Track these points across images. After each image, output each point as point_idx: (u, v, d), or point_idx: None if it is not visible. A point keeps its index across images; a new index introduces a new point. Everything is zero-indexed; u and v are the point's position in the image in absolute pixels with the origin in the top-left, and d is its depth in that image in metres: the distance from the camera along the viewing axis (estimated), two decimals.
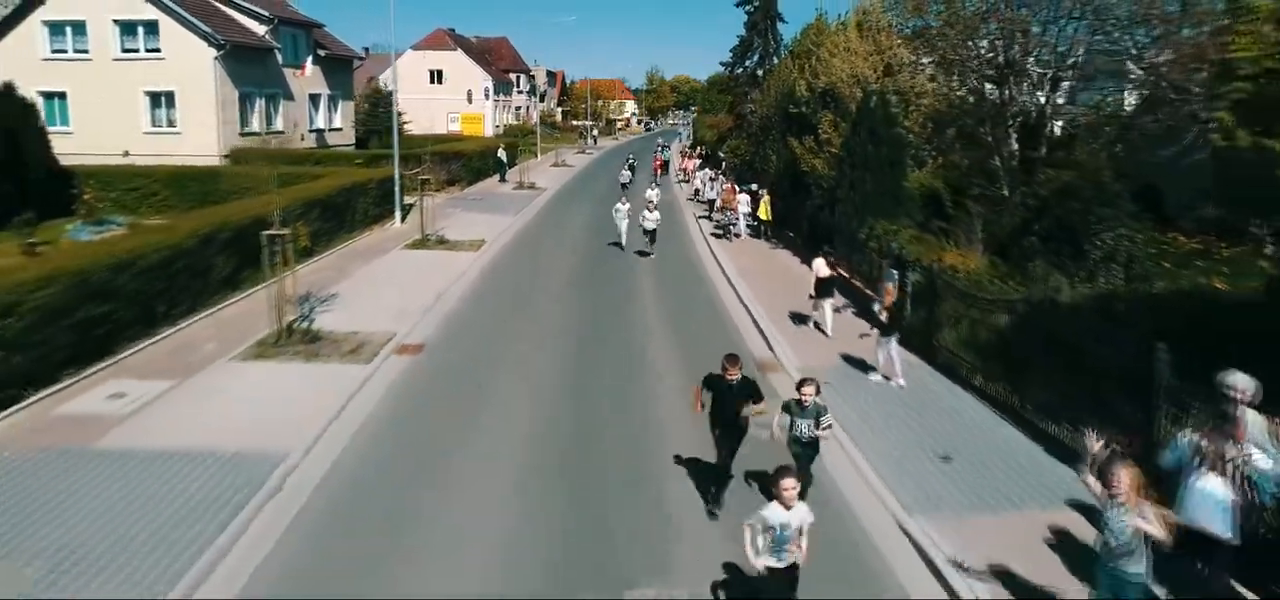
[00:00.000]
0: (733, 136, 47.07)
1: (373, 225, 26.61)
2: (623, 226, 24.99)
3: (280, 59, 38.00)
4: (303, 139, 39.20)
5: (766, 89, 37.47)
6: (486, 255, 23.37)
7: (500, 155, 46.14)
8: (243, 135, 35.43)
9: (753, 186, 30.01)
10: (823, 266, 15.99)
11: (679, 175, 50.37)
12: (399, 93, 43.62)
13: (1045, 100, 19.82)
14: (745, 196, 28.76)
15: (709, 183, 35.76)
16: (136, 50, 34.46)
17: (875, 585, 7.62)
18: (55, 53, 34.50)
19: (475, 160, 43.77)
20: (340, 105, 43.83)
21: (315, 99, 41.34)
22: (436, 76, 76.15)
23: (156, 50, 34.23)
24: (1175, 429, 7.76)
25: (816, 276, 15.94)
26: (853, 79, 23.66)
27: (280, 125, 38.06)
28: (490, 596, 7.32)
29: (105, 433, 10.17)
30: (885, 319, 12.89)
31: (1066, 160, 18.73)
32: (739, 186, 30.60)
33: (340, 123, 43.78)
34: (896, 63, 23.01)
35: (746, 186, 30.47)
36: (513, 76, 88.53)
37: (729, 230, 28.19)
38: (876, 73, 23.42)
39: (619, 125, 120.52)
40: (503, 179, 44.06)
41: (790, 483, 6.46)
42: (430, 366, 13.58)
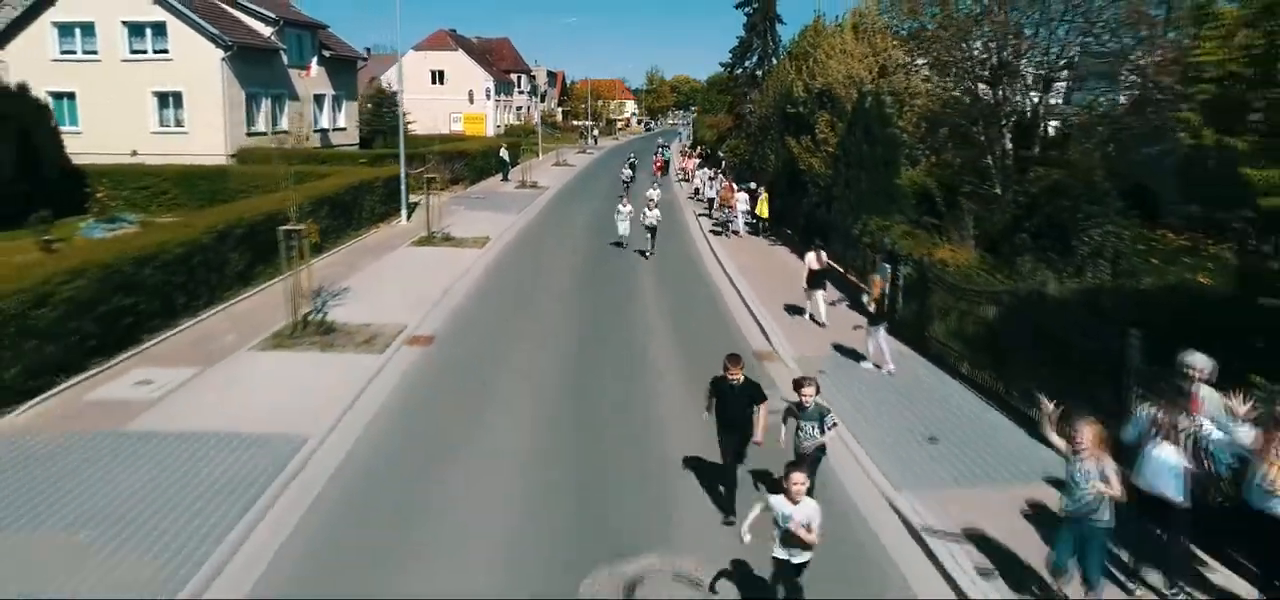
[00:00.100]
0: (732, 136, 47.55)
1: (379, 223, 27.15)
2: (624, 225, 25.30)
3: (286, 60, 38.53)
4: (307, 139, 39.71)
5: (765, 89, 37.93)
6: (491, 252, 23.90)
7: (503, 155, 46.70)
8: (249, 135, 35.98)
9: (751, 185, 30.56)
10: (814, 259, 16.62)
11: (679, 174, 50.89)
12: (398, 93, 44.16)
13: (1038, 101, 20.33)
14: (744, 195, 29.31)
15: (708, 181, 36.25)
16: (144, 51, 34.94)
17: (863, 554, 8.15)
18: (64, 53, 34.98)
19: (478, 160, 44.30)
20: (344, 105, 44.34)
21: (320, 99, 41.83)
22: (438, 77, 76.70)
23: (164, 51, 34.73)
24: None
25: (809, 269, 16.62)
26: (849, 80, 24.18)
27: (286, 125, 38.56)
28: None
29: (135, 417, 10.72)
30: (873, 310, 13.53)
31: (1059, 159, 19.20)
32: (737, 185, 31.14)
33: (344, 122, 44.29)
34: (891, 64, 23.52)
35: (745, 185, 31.02)
36: (514, 77, 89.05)
37: (727, 227, 28.74)
38: (872, 74, 23.94)
39: (619, 125, 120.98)
40: (505, 178, 44.60)
41: (799, 477, 6.44)
42: (441, 357, 14.14)
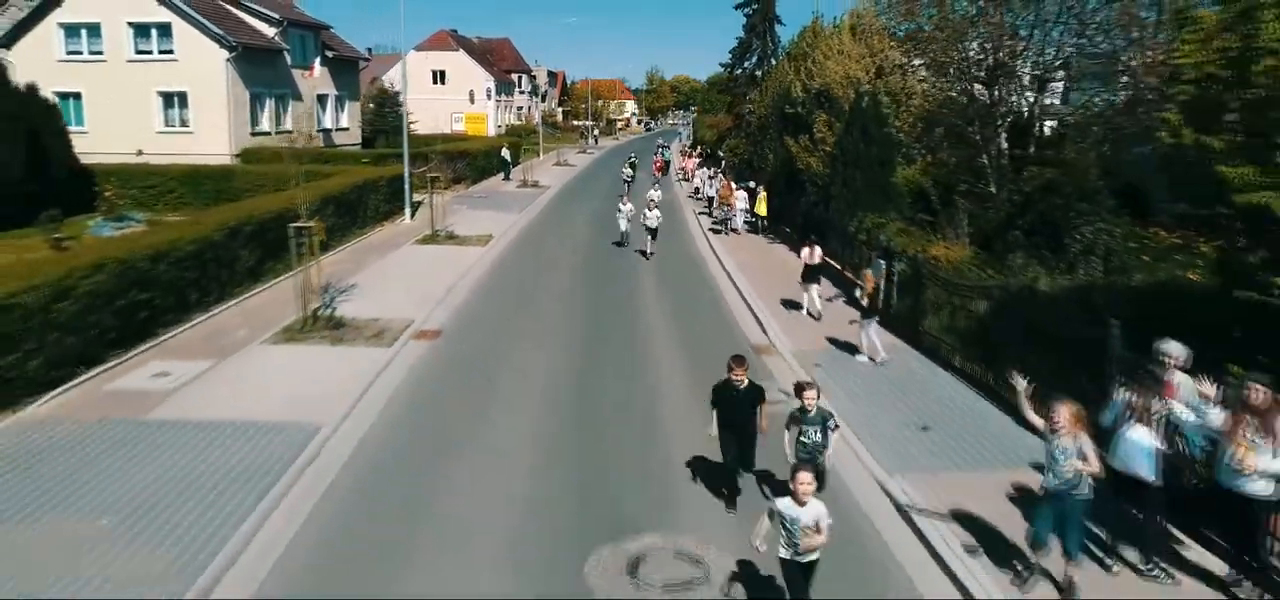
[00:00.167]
0: (732, 136, 47.96)
1: (383, 221, 27.52)
2: (625, 225, 25.46)
3: (289, 60, 38.88)
4: (311, 139, 40.03)
5: (764, 90, 38.32)
6: (495, 249, 24.28)
7: (504, 154, 47.09)
8: (253, 135, 36.35)
9: (750, 183, 30.97)
10: (808, 254, 17.17)
11: (679, 174, 51.28)
12: (401, 93, 44.51)
13: (1033, 101, 20.69)
14: (743, 193, 29.71)
15: (708, 180, 36.71)
16: (150, 52, 35.30)
17: (855, 534, 8.52)
18: (70, 54, 35.32)
19: (480, 159, 44.69)
20: (347, 105, 44.72)
21: (323, 99, 42.17)
22: (439, 77, 77.04)
23: (170, 52, 35.08)
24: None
25: (804, 264, 17.16)
26: (846, 80, 24.54)
27: (289, 125, 38.91)
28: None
29: (154, 407, 11.10)
30: (866, 304, 14.01)
31: (1055, 159, 19.56)
32: (736, 184, 31.54)
33: (347, 122, 44.67)
34: (888, 65, 23.88)
35: (744, 183, 31.43)
36: (514, 77, 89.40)
37: (727, 225, 29.12)
38: (869, 75, 24.31)
39: (619, 125, 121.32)
40: (506, 177, 44.98)
41: (806, 477, 6.44)
42: (448, 351, 14.52)
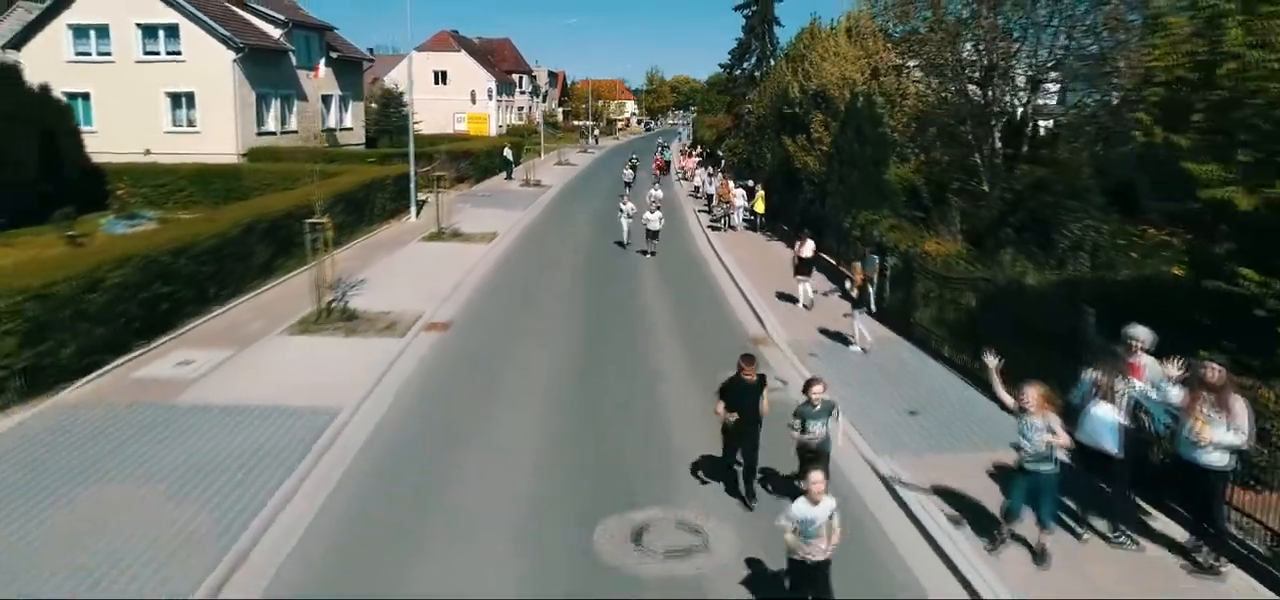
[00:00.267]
0: (731, 136, 48.56)
1: (390, 219, 28.06)
2: (627, 226, 25.43)
3: (294, 61, 39.40)
4: (316, 138, 40.63)
5: (763, 90, 38.91)
6: (499, 247, 24.84)
7: (506, 154, 47.65)
8: (259, 135, 36.91)
9: (749, 182, 31.58)
10: (801, 247, 17.90)
11: (679, 173, 51.86)
12: (406, 94, 45.02)
13: (1026, 101, 21.24)
14: (741, 191, 30.30)
15: (707, 179, 37.36)
16: (157, 53, 35.81)
17: (845, 509, 9.06)
18: (79, 55, 35.85)
19: (482, 159, 45.25)
20: (351, 105, 45.28)
21: (327, 100, 42.75)
22: (441, 77, 77.54)
23: (177, 53, 35.60)
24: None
25: (798, 257, 17.85)
26: (842, 81, 25.12)
27: (295, 125, 39.52)
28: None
29: (182, 392, 11.68)
30: (856, 295, 14.72)
31: (1048, 158, 20.11)
32: (735, 182, 32.14)
33: (351, 122, 45.23)
34: (883, 66, 24.45)
35: (743, 182, 32.03)
36: (515, 77, 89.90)
37: (725, 222, 29.67)
38: (864, 76, 24.87)
39: (619, 125, 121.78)
40: (509, 177, 45.53)
41: (818, 477, 6.50)
42: (457, 342, 15.10)
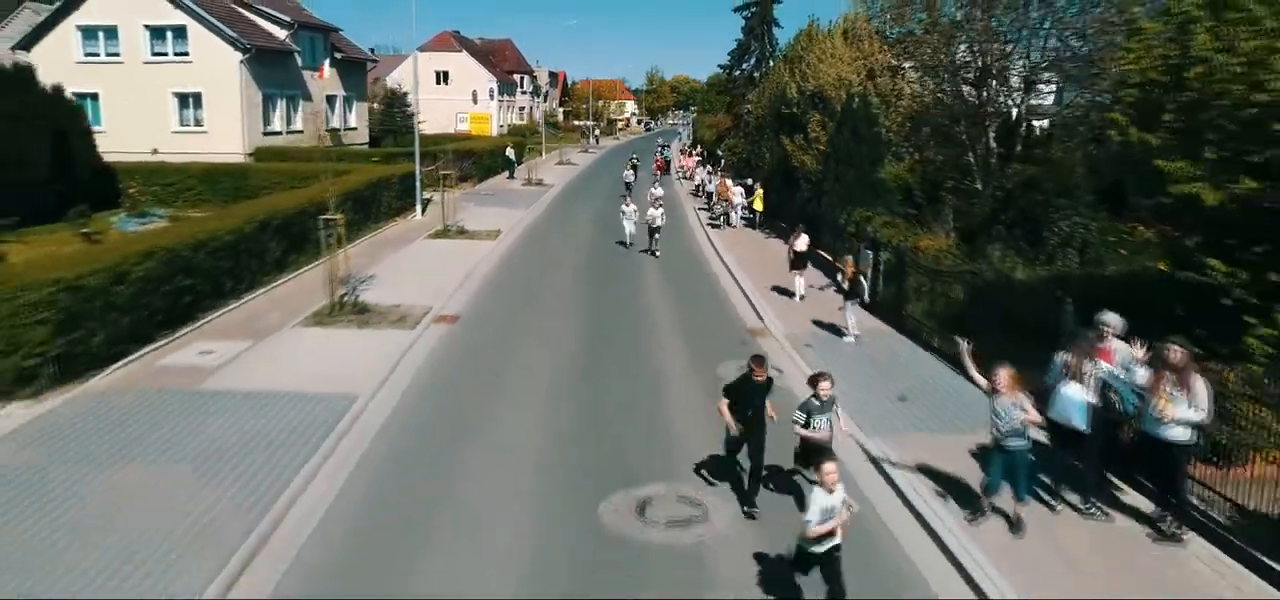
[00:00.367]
0: (731, 136, 49.15)
1: (396, 217, 28.60)
2: (630, 225, 25.43)
3: (299, 61, 39.99)
4: (321, 138, 41.17)
5: (762, 91, 39.50)
6: (504, 244, 25.40)
7: (508, 154, 48.23)
8: (266, 134, 37.48)
9: (747, 180, 32.16)
10: (795, 240, 18.57)
11: (680, 173, 52.46)
12: (410, 94, 45.50)
13: (1020, 102, 21.78)
14: (739, 189, 30.88)
15: (708, 177, 38.00)
16: (165, 53, 36.37)
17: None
18: (88, 56, 36.41)
19: (485, 158, 45.85)
20: (355, 106, 45.87)
21: (331, 100, 43.32)
22: (442, 78, 78.09)
23: (185, 54, 36.16)
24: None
25: (794, 251, 18.46)
26: (839, 82, 25.70)
27: (300, 125, 40.08)
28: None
29: (205, 379, 12.25)
30: (847, 287, 15.36)
31: (1041, 157, 20.64)
32: (734, 181, 32.74)
33: (355, 122, 45.81)
34: (878, 68, 25.02)
35: (741, 180, 32.62)
36: (516, 77, 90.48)
37: (724, 220, 30.24)
38: (860, 77, 25.44)
39: (619, 125, 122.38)
40: (511, 176, 46.09)
41: (831, 466, 6.61)
42: (465, 334, 15.67)
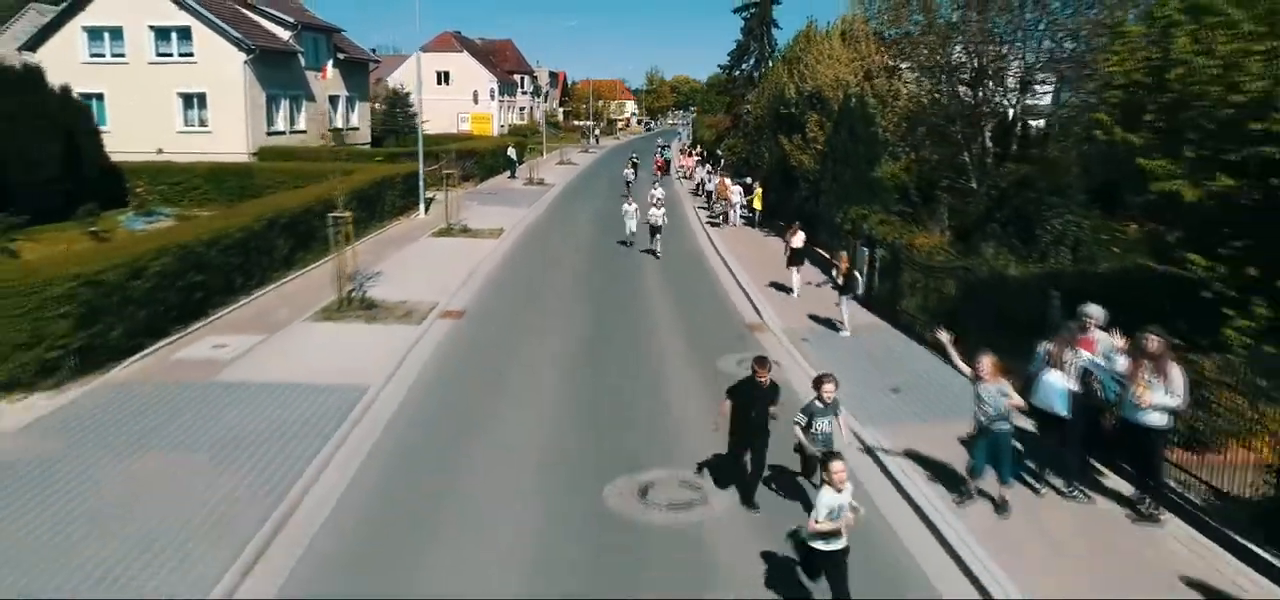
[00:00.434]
0: (730, 136, 49.54)
1: (399, 216, 28.95)
2: (632, 225, 25.53)
3: (303, 62, 40.35)
4: (324, 138, 41.57)
5: (761, 91, 39.89)
6: (507, 241, 25.80)
7: (510, 154, 48.62)
8: (269, 134, 37.83)
9: (747, 179, 32.56)
10: (791, 236, 19.00)
11: (680, 172, 52.84)
12: (411, 94, 45.91)
13: (1016, 102, 22.16)
14: (738, 189, 31.29)
15: (708, 176, 38.44)
16: (170, 54, 36.72)
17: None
18: (94, 57, 36.74)
19: (487, 158, 46.27)
20: (357, 106, 46.26)
21: (334, 100, 43.69)
22: (443, 78, 78.35)
23: (189, 54, 36.49)
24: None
25: (791, 247, 18.90)
26: (836, 83, 26.08)
27: (304, 125, 40.46)
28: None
29: (220, 370, 12.63)
30: (841, 282, 15.79)
31: (1037, 156, 21.01)
32: (734, 180, 33.15)
33: (357, 122, 46.20)
34: (875, 69, 25.40)
35: (740, 179, 33.02)
36: (517, 77, 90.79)
37: (724, 218, 30.62)
38: (857, 78, 25.82)
39: (619, 125, 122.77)
40: (512, 175, 46.47)
41: (840, 466, 6.64)
42: (470, 329, 16.06)
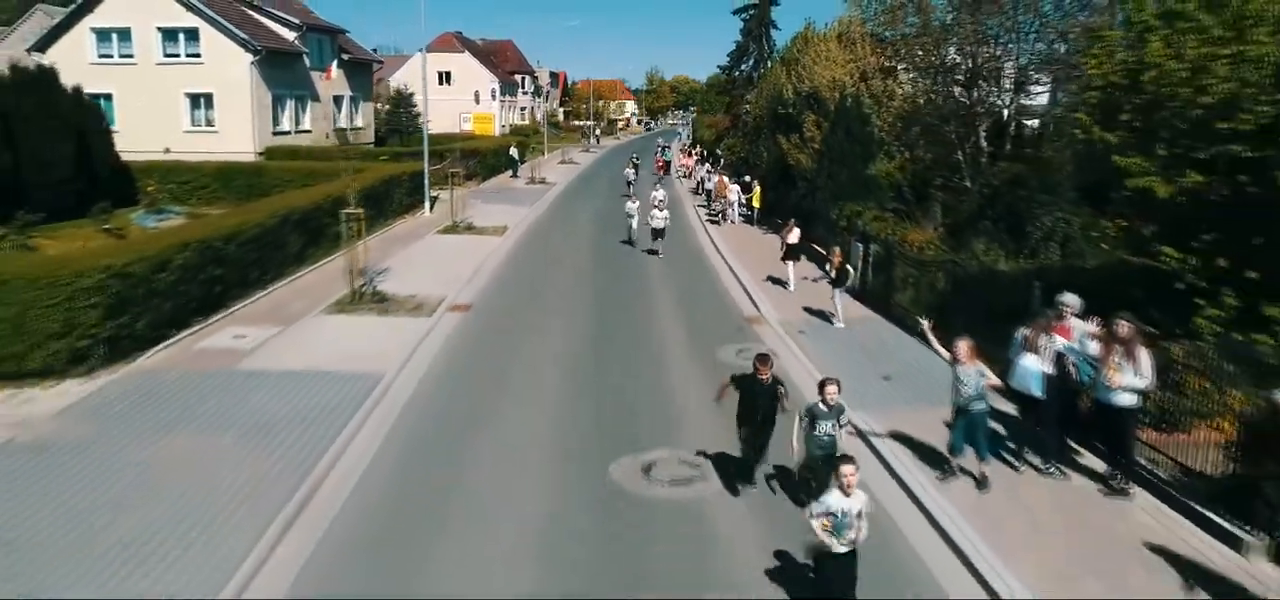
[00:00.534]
0: (730, 135, 50.12)
1: (405, 214, 29.52)
2: (633, 224, 25.64)
3: (308, 63, 40.92)
4: (327, 138, 42.15)
5: (760, 91, 40.47)
6: (511, 238, 26.38)
7: (512, 153, 49.17)
8: (275, 134, 38.41)
9: (746, 178, 33.14)
10: (787, 232, 19.59)
11: (680, 172, 53.38)
12: (415, 94, 46.42)
13: (1009, 102, 22.73)
14: (736, 187, 31.87)
15: (707, 175, 39.03)
16: (178, 55, 37.30)
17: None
18: (102, 57, 37.31)
19: (490, 157, 46.85)
20: (361, 106, 46.82)
21: (338, 100, 44.26)
22: (445, 78, 78.77)
23: (197, 55, 37.07)
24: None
25: (785, 242, 19.50)
26: (833, 84, 26.64)
27: (309, 125, 41.02)
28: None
29: (242, 360, 13.22)
30: (834, 276, 16.39)
31: (1031, 155, 21.56)
32: (732, 179, 33.74)
33: (361, 122, 46.77)
34: (871, 70, 25.97)
35: (739, 178, 33.60)
36: (518, 77, 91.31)
37: (723, 216, 31.19)
38: (853, 79, 26.39)
39: (619, 125, 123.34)
40: (515, 174, 47.03)
41: (851, 469, 6.51)
42: (478, 321, 16.65)
